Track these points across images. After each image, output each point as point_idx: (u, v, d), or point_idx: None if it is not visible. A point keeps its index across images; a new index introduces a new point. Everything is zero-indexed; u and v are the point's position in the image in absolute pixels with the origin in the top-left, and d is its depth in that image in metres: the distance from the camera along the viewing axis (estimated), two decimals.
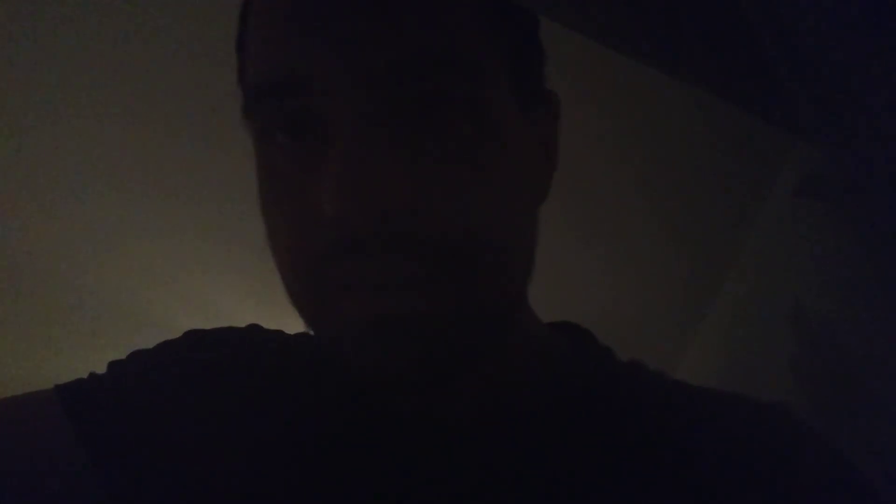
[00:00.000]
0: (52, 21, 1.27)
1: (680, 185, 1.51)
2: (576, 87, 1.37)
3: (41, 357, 2.09)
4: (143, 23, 1.29)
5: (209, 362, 0.43)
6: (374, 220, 0.29)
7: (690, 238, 1.63)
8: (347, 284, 0.31)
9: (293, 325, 0.40)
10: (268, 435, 0.40)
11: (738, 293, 1.68)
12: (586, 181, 1.49)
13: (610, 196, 1.57)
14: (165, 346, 0.45)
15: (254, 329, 0.48)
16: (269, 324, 0.48)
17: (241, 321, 0.49)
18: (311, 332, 0.37)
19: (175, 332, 0.45)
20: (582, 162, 1.42)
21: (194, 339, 0.46)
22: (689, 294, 1.79)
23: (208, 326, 0.47)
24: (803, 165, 1.29)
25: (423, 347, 0.31)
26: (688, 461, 0.36)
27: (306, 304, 0.35)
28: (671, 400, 0.40)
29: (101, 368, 0.45)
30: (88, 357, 2.18)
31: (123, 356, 0.46)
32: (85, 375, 0.44)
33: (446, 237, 0.31)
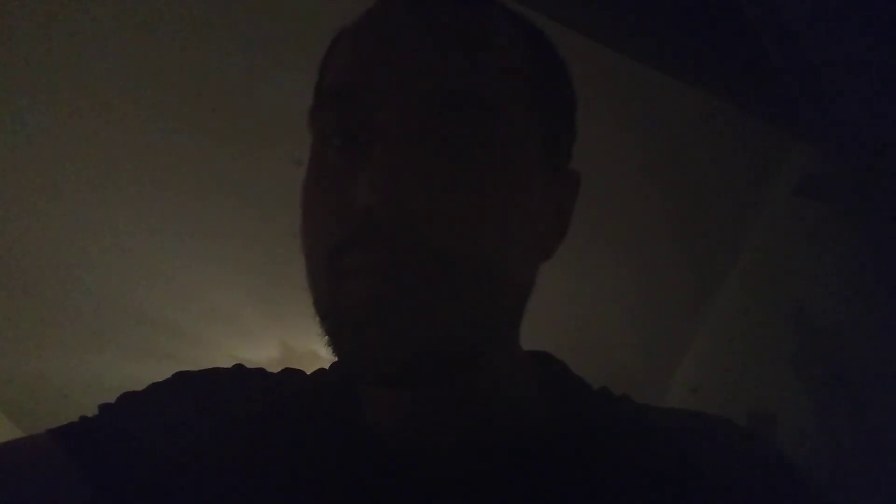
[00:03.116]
0: (52, 21, 1.28)
1: (680, 185, 1.51)
2: (575, 87, 1.37)
3: (41, 357, 2.09)
4: (143, 23, 1.29)
5: (201, 404, 0.45)
6: (393, 212, 0.34)
7: (691, 238, 1.63)
8: (356, 269, 0.35)
9: (292, 323, 0.40)
10: (262, 472, 0.41)
11: (738, 293, 1.68)
12: (585, 181, 1.49)
13: (610, 196, 1.57)
14: (155, 387, 0.47)
15: (239, 369, 0.50)
16: (268, 321, 0.48)
17: (241, 320, 0.49)
18: (319, 322, 0.39)
19: (173, 331, 0.45)
20: (581, 162, 1.42)
21: (183, 380, 0.48)
22: (689, 294, 1.79)
23: (207, 325, 0.47)
24: (803, 165, 1.29)
25: (410, 338, 0.35)
26: (659, 481, 0.40)
27: (320, 289, 0.38)
28: (638, 425, 0.44)
29: (101, 368, 0.45)
30: (88, 356, 2.18)
31: (122, 355, 0.46)
32: (83, 375, 0.44)
33: (450, 243, 0.35)
